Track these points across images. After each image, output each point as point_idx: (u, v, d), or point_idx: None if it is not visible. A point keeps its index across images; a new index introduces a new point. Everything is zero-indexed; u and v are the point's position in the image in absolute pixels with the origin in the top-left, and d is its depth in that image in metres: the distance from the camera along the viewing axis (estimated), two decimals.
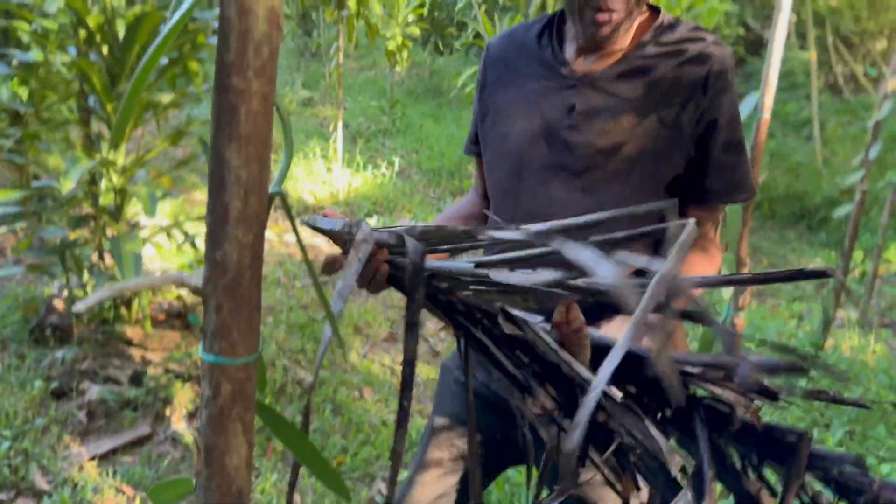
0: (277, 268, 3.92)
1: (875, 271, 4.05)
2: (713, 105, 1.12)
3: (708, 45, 1.13)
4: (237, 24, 0.63)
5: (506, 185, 1.24)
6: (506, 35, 1.32)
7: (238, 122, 0.65)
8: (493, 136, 1.27)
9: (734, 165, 1.16)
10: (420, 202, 5.46)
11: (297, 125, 7.39)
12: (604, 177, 1.16)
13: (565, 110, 1.18)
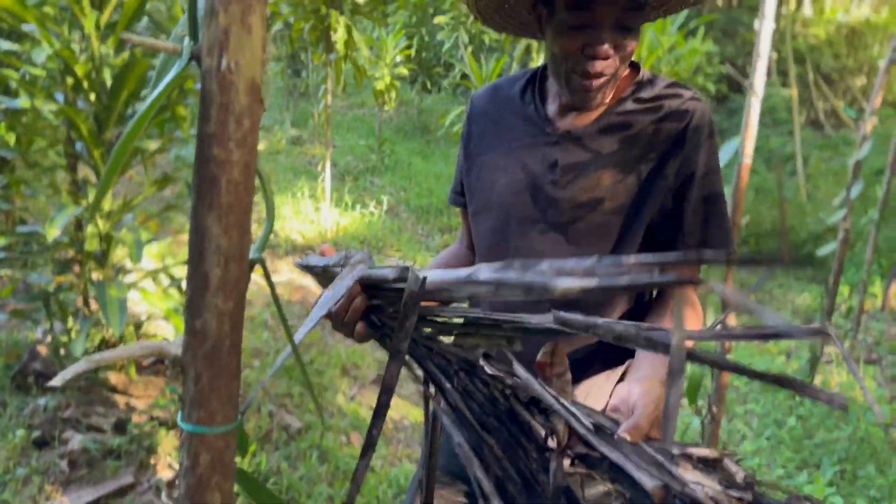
0: (265, 309, 3.90)
1: (861, 307, 4.08)
2: (690, 159, 1.14)
3: (686, 101, 1.15)
4: (218, 97, 0.64)
5: (491, 238, 1.26)
6: (490, 89, 1.35)
7: (219, 191, 0.65)
8: (479, 188, 1.29)
9: (710, 221, 1.17)
10: (408, 240, 5.48)
11: (286, 164, 7.42)
12: (588, 231, 1.17)
13: (548, 166, 1.20)
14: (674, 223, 1.17)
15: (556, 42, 1.12)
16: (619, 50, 1.09)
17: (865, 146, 2.83)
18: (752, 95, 1.90)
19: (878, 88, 2.83)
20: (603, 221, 1.16)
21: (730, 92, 10.36)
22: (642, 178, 1.16)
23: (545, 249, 1.20)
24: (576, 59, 1.10)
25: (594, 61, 1.09)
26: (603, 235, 1.17)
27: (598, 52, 1.08)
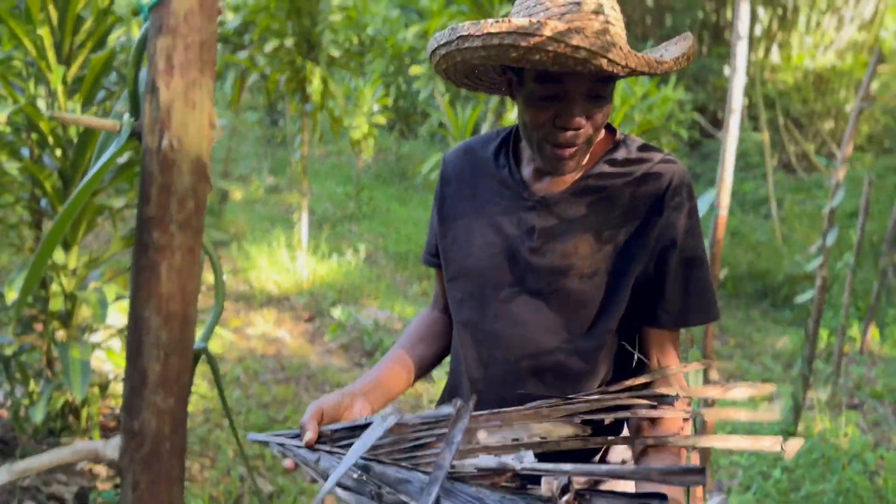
0: (237, 365, 3.80)
1: (840, 351, 4.07)
2: (670, 225, 1.11)
3: (663, 165, 1.13)
4: (159, 177, 0.59)
5: (468, 305, 1.22)
6: (462, 150, 1.31)
7: (158, 279, 0.60)
8: (454, 253, 1.25)
9: (692, 287, 1.14)
10: (386, 288, 5.42)
11: (263, 212, 7.36)
12: (568, 298, 1.14)
13: (526, 231, 1.16)
14: (655, 289, 1.14)
15: (526, 112, 1.09)
16: (591, 118, 1.07)
17: (839, 194, 2.84)
18: (727, 148, 1.89)
19: (848, 137, 2.86)
20: (583, 289, 1.13)
21: (702, 137, 10.53)
22: (622, 244, 1.13)
23: (525, 317, 1.16)
24: (547, 129, 1.07)
25: (565, 132, 1.06)
26: (583, 303, 1.13)
27: (570, 123, 1.05)
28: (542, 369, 1.15)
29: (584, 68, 0.96)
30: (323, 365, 3.91)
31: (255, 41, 5.08)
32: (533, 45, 0.93)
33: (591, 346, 1.15)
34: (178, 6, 0.58)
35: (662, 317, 1.14)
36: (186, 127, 0.59)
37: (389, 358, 1.29)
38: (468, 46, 0.99)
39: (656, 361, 1.20)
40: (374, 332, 4.30)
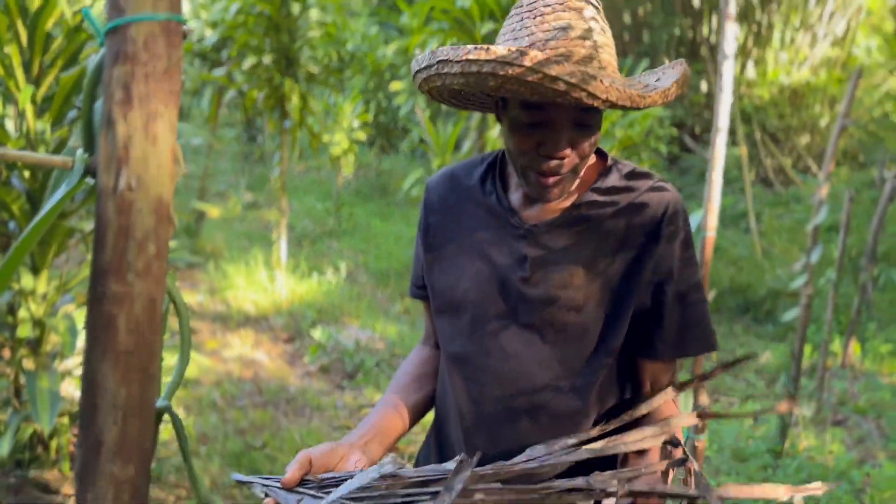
0: (214, 389, 3.70)
1: (823, 367, 4.06)
2: (665, 254, 1.07)
3: (656, 192, 1.09)
4: (115, 220, 0.53)
5: (457, 338, 1.16)
6: (447, 176, 1.25)
7: (115, 333, 0.54)
8: (442, 285, 1.19)
9: (690, 317, 1.10)
10: (368, 306, 5.34)
11: (241, 230, 7.27)
12: (563, 331, 1.09)
13: (517, 261, 1.11)
14: (651, 321, 1.09)
15: (510, 138, 1.05)
16: (576, 147, 1.02)
17: (822, 211, 2.83)
18: (714, 168, 1.86)
19: (830, 154, 2.85)
20: (578, 321, 1.08)
21: (681, 153, 10.60)
22: (617, 275, 1.08)
23: (518, 350, 1.10)
24: (531, 156, 1.03)
25: (549, 160, 1.02)
26: (579, 336, 1.08)
27: (554, 152, 1.01)
28: (536, 406, 1.10)
29: (563, 100, 0.93)
30: (302, 388, 3.82)
31: (232, 57, 5.02)
32: (511, 75, 0.89)
33: (587, 382, 1.10)
34: (137, 31, 0.52)
35: (659, 349, 1.10)
36: (146, 164, 0.53)
37: (383, 404, 1.22)
38: (447, 72, 0.96)
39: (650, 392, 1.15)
40: (355, 352, 4.22)
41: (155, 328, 0.56)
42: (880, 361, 4.87)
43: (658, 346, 1.10)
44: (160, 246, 0.55)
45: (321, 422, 3.48)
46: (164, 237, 0.55)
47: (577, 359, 1.09)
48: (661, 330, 1.09)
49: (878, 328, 5.58)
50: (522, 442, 1.10)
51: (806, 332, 3.00)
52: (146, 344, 0.55)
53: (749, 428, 3.91)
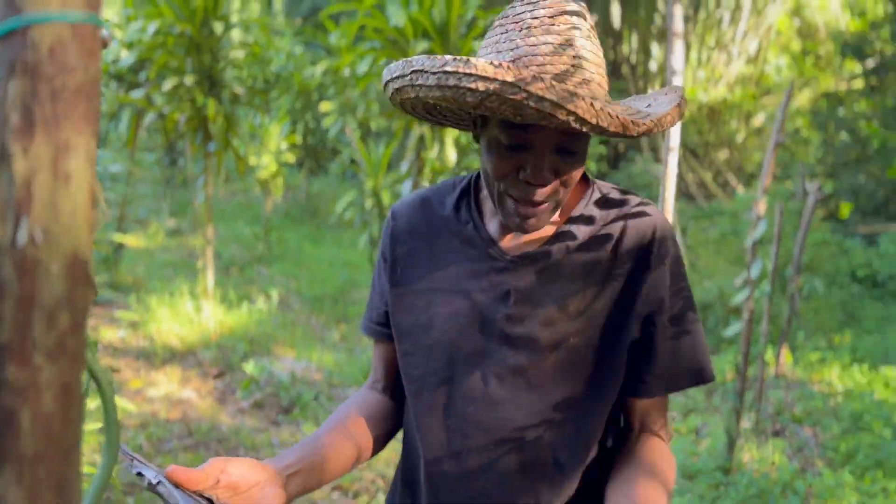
0: (139, 433, 3.44)
1: (762, 378, 4.12)
2: (656, 281, 0.99)
3: (642, 214, 1.01)
4: (15, 286, 0.41)
5: (431, 385, 1.03)
6: (416, 202, 1.13)
7: (17, 434, 0.41)
8: (411, 324, 1.06)
9: (684, 346, 1.01)
10: (302, 334, 5.14)
11: (164, 259, 6.93)
12: (550, 372, 0.98)
13: (499, 296, 1.00)
14: (642, 353, 1.00)
15: (488, 160, 0.94)
16: (561, 175, 0.93)
17: (760, 226, 2.86)
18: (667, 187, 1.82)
19: (766, 169, 2.89)
20: (570, 360, 0.97)
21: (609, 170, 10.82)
22: (608, 307, 0.98)
23: (502, 396, 0.99)
24: (509, 181, 0.93)
25: (530, 188, 0.92)
26: (571, 378, 0.98)
27: (536, 178, 0.91)
28: (527, 458, 0.99)
29: (548, 123, 0.83)
30: (235, 426, 3.60)
31: (151, 79, 4.78)
32: (493, 91, 0.79)
33: (582, 428, 0.99)
34: (40, 36, 0.40)
35: (651, 384, 1.01)
36: (56, 210, 0.40)
37: (324, 438, 1.05)
38: (422, 83, 0.85)
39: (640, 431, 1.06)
40: (290, 385, 4.03)
41: (71, 424, 0.43)
42: (810, 369, 5.01)
43: (649, 382, 1.01)
44: (76, 316, 0.42)
45: None
46: (81, 305, 0.42)
47: (572, 403, 0.99)
48: (653, 364, 1.00)
49: (806, 337, 5.76)
50: (511, 494, 0.99)
51: (749, 347, 3.02)
52: (59, 446, 0.42)
53: (692, 443, 3.92)
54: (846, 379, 4.79)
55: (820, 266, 7.27)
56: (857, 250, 7.61)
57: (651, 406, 1.04)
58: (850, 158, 8.78)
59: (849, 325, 6.14)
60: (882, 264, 7.12)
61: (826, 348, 5.46)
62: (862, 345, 5.51)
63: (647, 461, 0.97)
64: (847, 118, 8.95)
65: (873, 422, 4.08)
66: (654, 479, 0.93)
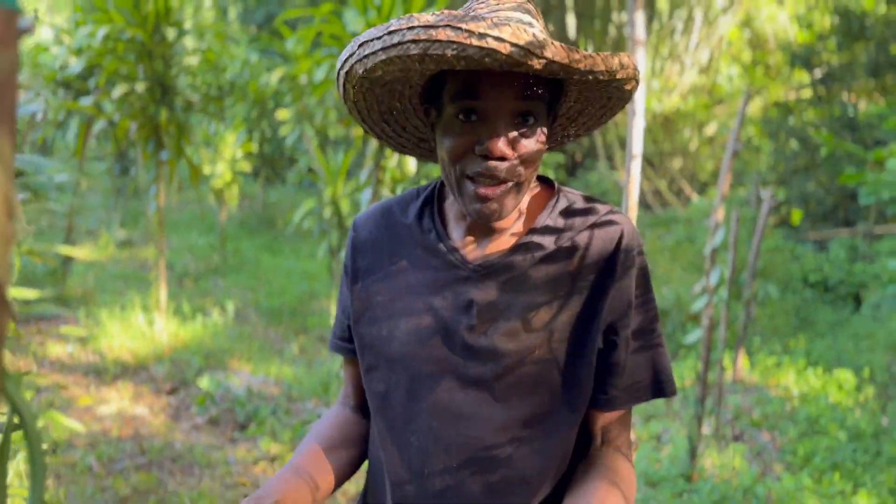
0: (88, 452, 3.30)
1: (721, 385, 4.16)
2: (623, 289, 0.96)
3: (610, 223, 0.98)
4: None
5: (393, 401, 0.99)
6: (377, 213, 1.09)
7: None
8: (373, 337, 1.02)
9: (648, 358, 0.99)
10: (260, 348, 5.02)
11: (115, 271, 6.72)
12: (515, 385, 0.94)
13: (462, 307, 0.96)
14: (606, 365, 0.97)
15: (443, 143, 0.91)
16: (519, 148, 0.90)
17: (719, 233, 2.88)
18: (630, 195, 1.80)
19: (724, 176, 2.91)
20: (535, 373, 0.94)
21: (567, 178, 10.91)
22: (574, 318, 0.95)
23: (466, 411, 0.95)
24: (467, 160, 0.90)
25: (488, 162, 0.89)
26: (537, 391, 0.94)
27: (492, 149, 0.88)
28: (494, 479, 0.95)
29: (492, 61, 0.79)
30: (189, 444, 3.48)
31: (101, 86, 4.63)
32: (434, 37, 0.79)
33: (549, 444, 0.96)
34: None
35: (614, 397, 0.98)
36: None
37: (293, 471, 1.00)
38: (369, 53, 0.84)
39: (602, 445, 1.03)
40: (247, 400, 3.91)
41: None
42: (767, 374, 5.08)
43: (612, 395, 0.98)
44: None
45: (212, 481, 3.17)
46: None
47: (537, 418, 0.95)
48: (616, 376, 0.98)
49: (762, 341, 5.86)
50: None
51: (710, 354, 3.03)
52: None
53: (654, 449, 3.93)
54: (801, 383, 4.87)
55: (773, 272, 7.43)
56: (809, 256, 7.79)
57: (613, 419, 1.01)
58: (800, 166, 9.00)
59: (802, 329, 6.27)
60: (832, 269, 7.30)
61: (781, 353, 5.56)
62: (815, 348, 5.62)
63: (606, 475, 0.94)
64: (797, 127, 9.18)
65: (829, 425, 4.16)
66: (613, 492, 0.90)
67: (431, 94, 0.94)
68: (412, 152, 1.09)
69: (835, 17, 9.00)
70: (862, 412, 4.38)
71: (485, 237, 0.99)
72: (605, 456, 0.99)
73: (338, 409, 1.15)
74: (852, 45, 9.00)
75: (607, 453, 1.00)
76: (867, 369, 5.00)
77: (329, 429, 1.10)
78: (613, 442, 1.02)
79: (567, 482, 0.99)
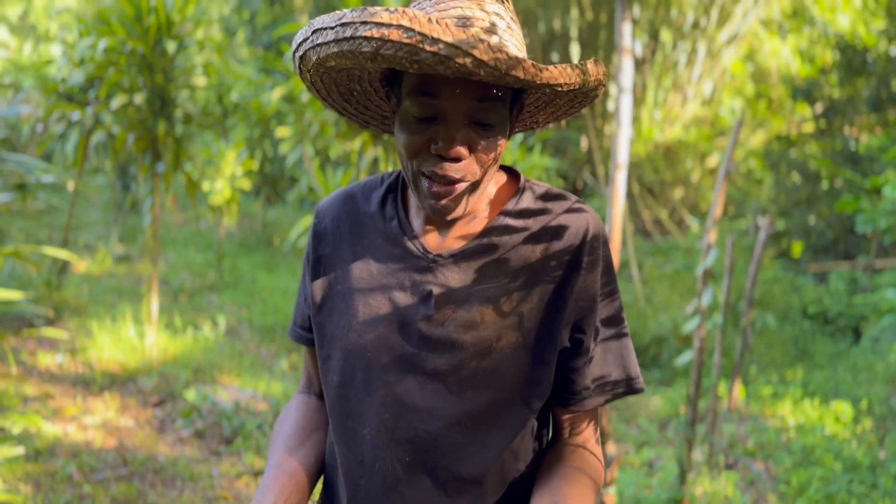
0: (70, 461, 3.25)
1: (714, 412, 4.10)
2: (588, 283, 0.94)
3: (574, 214, 0.96)
4: None
5: (347, 391, 0.97)
6: (341, 199, 1.07)
7: None
8: (332, 327, 1.00)
9: (613, 354, 0.96)
10: (250, 364, 4.98)
11: (109, 285, 6.70)
12: (471, 378, 0.91)
13: (420, 298, 0.94)
14: (570, 362, 0.95)
15: (400, 137, 0.90)
16: (475, 150, 0.87)
17: (711, 254, 2.85)
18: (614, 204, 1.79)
19: (717, 199, 2.90)
20: (492, 367, 0.91)
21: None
22: (536, 311, 0.93)
23: (419, 403, 0.92)
24: (423, 157, 0.88)
25: (443, 162, 0.87)
26: (493, 384, 0.91)
27: (447, 150, 0.86)
28: (446, 473, 0.92)
29: (446, 68, 0.77)
30: (173, 457, 3.43)
31: (101, 98, 4.65)
32: (387, 37, 0.75)
33: (502, 440, 0.93)
34: None
35: (580, 395, 0.96)
36: None
37: (277, 474, 0.98)
38: (321, 42, 0.81)
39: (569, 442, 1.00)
40: (233, 415, 3.86)
41: None
42: (763, 404, 5.02)
43: (578, 393, 0.95)
44: None
45: (194, 493, 3.11)
46: None
47: (491, 413, 0.92)
48: (582, 373, 0.95)
49: (759, 371, 5.80)
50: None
51: (701, 376, 2.99)
52: None
53: (646, 476, 3.86)
54: (798, 413, 4.81)
55: (772, 302, 7.38)
56: (809, 288, 7.75)
57: (580, 419, 0.99)
58: (801, 198, 9.00)
59: (801, 360, 6.20)
60: (832, 301, 7.25)
61: (778, 383, 5.49)
62: (813, 380, 5.55)
63: (572, 466, 0.91)
64: (798, 159, 9.19)
65: (825, 456, 4.08)
66: (579, 482, 0.88)
67: (391, 79, 0.92)
68: (377, 128, 1.07)
69: (836, 52, 9.06)
70: (859, 444, 4.30)
71: (447, 226, 0.97)
72: (572, 453, 0.97)
73: (303, 398, 1.12)
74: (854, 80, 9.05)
75: (574, 451, 0.97)
76: (865, 401, 4.93)
77: (299, 421, 1.08)
78: (582, 434, 1.00)
79: (526, 480, 0.96)
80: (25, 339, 4.87)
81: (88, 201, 11.54)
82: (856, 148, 8.48)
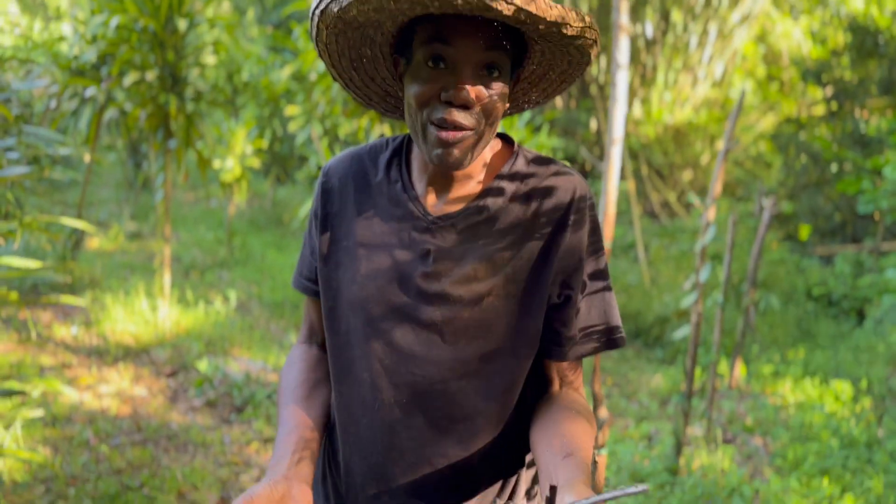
0: (86, 427, 3.37)
1: (713, 387, 4.18)
2: (573, 243, 1.01)
3: (561, 177, 1.03)
4: None
5: (350, 340, 1.05)
6: (347, 159, 1.14)
7: None
8: (337, 280, 1.08)
9: (597, 309, 1.04)
10: (261, 338, 5.09)
11: (122, 261, 6.82)
12: (466, 329, 1.00)
13: (420, 255, 1.02)
14: (558, 316, 1.03)
15: (411, 89, 0.96)
16: (483, 99, 0.95)
17: (710, 231, 2.91)
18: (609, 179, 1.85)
19: (716, 177, 2.95)
20: (483, 318, 0.99)
21: None
22: (525, 267, 1.01)
23: (416, 351, 1.01)
24: (432, 106, 0.95)
25: (452, 108, 0.94)
26: (486, 334, 1.00)
27: (458, 96, 0.93)
28: (439, 413, 1.00)
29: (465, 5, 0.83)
30: (186, 424, 3.54)
31: (113, 75, 4.73)
32: None
33: (493, 385, 1.01)
34: None
35: (566, 348, 1.03)
36: None
37: (291, 422, 1.04)
38: None
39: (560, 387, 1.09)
40: (244, 385, 3.98)
41: None
42: (763, 382, 5.09)
43: (565, 344, 1.03)
44: None
45: (206, 459, 3.23)
46: None
47: (484, 359, 1.00)
48: (567, 327, 1.03)
49: (761, 350, 5.86)
50: (422, 449, 1.00)
51: (697, 351, 3.06)
52: None
53: (644, 448, 3.95)
54: (798, 392, 4.88)
55: (777, 283, 7.42)
56: (814, 269, 7.78)
57: (568, 368, 1.07)
58: (809, 181, 9.00)
59: (803, 340, 6.26)
60: (836, 284, 7.29)
61: (780, 362, 5.56)
62: (814, 360, 5.61)
63: (567, 407, 0.99)
64: (807, 142, 9.18)
65: (822, 432, 4.16)
66: (577, 420, 0.96)
67: (402, 45, 0.99)
68: (377, 106, 1.14)
69: (848, 33, 9.01)
70: (857, 422, 4.37)
71: (447, 189, 1.05)
72: (564, 395, 1.05)
73: (305, 348, 1.20)
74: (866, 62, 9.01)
75: (567, 392, 1.06)
76: (865, 381, 4.99)
77: (304, 371, 1.14)
78: (572, 384, 1.08)
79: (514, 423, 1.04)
80: (44, 307, 5.00)
81: (101, 178, 11.67)
82: (865, 130, 8.46)
